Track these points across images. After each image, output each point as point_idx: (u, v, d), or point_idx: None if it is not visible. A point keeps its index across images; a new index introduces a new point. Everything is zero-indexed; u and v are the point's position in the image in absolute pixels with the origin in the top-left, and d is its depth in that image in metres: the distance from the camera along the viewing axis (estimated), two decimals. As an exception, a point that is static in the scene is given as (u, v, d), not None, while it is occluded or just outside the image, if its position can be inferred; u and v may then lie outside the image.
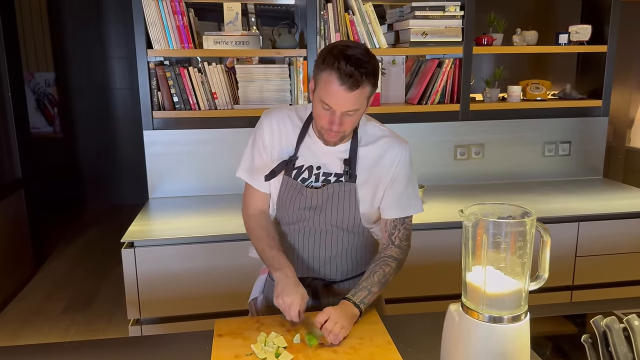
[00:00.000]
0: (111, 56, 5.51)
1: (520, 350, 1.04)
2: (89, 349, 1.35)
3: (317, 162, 1.45)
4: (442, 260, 2.25)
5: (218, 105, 2.59)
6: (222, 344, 1.29)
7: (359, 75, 1.24)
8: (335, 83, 1.25)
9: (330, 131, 1.34)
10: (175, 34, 2.47)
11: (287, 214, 1.49)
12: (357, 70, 1.24)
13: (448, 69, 2.71)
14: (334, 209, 1.44)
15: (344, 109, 1.29)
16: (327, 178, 1.45)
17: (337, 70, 1.24)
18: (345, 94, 1.26)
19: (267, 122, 1.48)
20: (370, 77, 1.28)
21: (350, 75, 1.24)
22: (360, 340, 1.30)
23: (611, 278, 2.41)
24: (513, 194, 2.66)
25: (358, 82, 1.25)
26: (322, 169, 1.45)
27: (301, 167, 1.45)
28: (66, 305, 3.56)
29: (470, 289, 1.06)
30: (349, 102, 1.27)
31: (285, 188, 1.46)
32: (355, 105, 1.29)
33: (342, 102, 1.27)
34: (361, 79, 1.25)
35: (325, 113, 1.32)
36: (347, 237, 1.50)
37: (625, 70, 3.61)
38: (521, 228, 1.00)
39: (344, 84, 1.25)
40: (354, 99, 1.27)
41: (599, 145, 2.98)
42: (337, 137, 1.37)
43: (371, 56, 1.29)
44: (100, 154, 5.68)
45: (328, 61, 1.26)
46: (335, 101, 1.28)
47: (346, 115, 1.31)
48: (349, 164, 1.42)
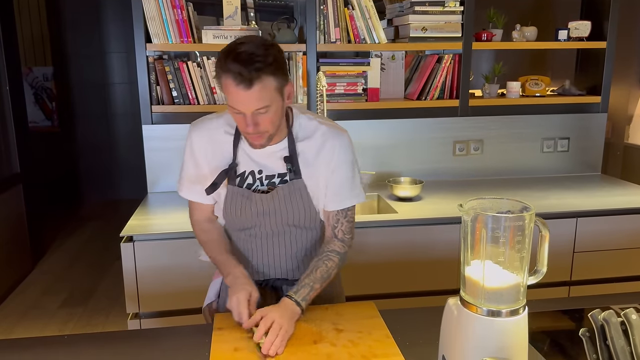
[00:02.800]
0: (110, 51, 5.50)
1: (519, 344, 1.05)
2: (88, 342, 1.35)
3: (257, 166, 1.41)
4: (441, 255, 2.26)
5: (217, 100, 2.58)
6: (222, 337, 1.29)
7: (251, 72, 1.18)
8: (232, 85, 1.20)
9: (249, 134, 1.29)
10: (175, 28, 2.47)
11: (238, 221, 1.44)
12: (247, 67, 1.18)
13: (447, 65, 2.71)
14: (289, 210, 1.41)
15: (251, 109, 1.23)
16: (271, 180, 1.41)
17: (229, 71, 1.19)
18: (244, 94, 1.20)
19: (197, 136, 1.42)
20: (268, 69, 1.20)
21: (240, 73, 1.18)
22: (358, 334, 1.30)
23: (609, 274, 2.41)
24: (511, 190, 2.66)
25: (251, 78, 1.18)
26: (264, 171, 1.41)
27: (243, 173, 1.41)
28: (64, 299, 3.56)
29: (469, 283, 1.06)
30: (252, 100, 1.21)
31: (231, 197, 1.41)
32: (261, 102, 1.22)
33: (245, 102, 1.21)
34: (254, 74, 1.18)
35: (238, 117, 1.27)
36: (305, 233, 1.47)
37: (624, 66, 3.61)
38: (520, 222, 1.00)
39: (239, 84, 1.19)
40: (256, 96, 1.21)
41: (598, 141, 2.99)
42: (260, 138, 1.30)
43: (267, 47, 1.22)
44: (99, 148, 5.68)
45: (221, 64, 1.21)
46: (239, 103, 1.22)
47: (258, 114, 1.25)
48: (291, 161, 1.38)
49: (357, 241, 2.19)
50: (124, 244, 2.07)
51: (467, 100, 2.77)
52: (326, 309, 1.43)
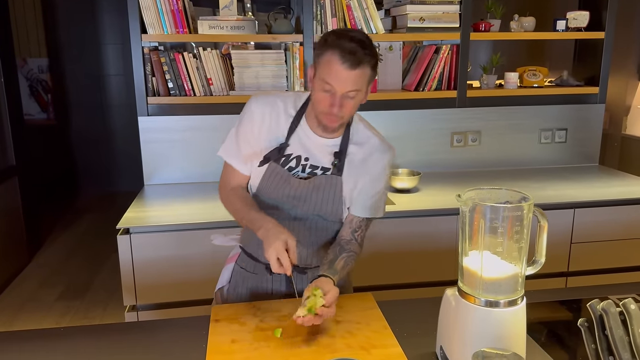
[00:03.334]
0: (105, 42, 5.46)
1: (516, 334, 1.05)
2: (85, 334, 1.34)
3: (306, 153, 1.43)
4: (439, 247, 2.26)
5: (213, 91, 2.57)
6: (219, 329, 1.29)
7: (361, 54, 1.24)
8: (337, 62, 1.25)
9: (331, 115, 1.32)
10: (170, 18, 2.44)
11: (268, 199, 1.46)
12: (360, 49, 1.24)
13: (445, 55, 2.70)
14: (318, 200, 1.43)
15: (345, 89, 1.27)
16: (314, 170, 1.44)
17: (340, 48, 1.24)
18: (346, 73, 1.25)
19: (258, 107, 1.44)
20: (371, 58, 1.27)
21: (352, 52, 1.23)
22: (357, 325, 1.30)
23: (606, 264, 2.42)
24: (509, 181, 2.66)
25: (360, 60, 1.24)
26: (310, 160, 1.43)
27: (289, 155, 1.43)
28: (61, 292, 3.55)
29: (467, 274, 1.06)
30: (350, 81, 1.26)
31: (270, 175, 1.43)
32: (356, 85, 1.27)
33: (344, 81, 1.26)
34: (363, 57, 1.25)
35: (325, 96, 1.30)
36: (326, 225, 1.48)
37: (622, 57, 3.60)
38: (518, 213, 1.00)
39: (345, 62, 1.24)
40: (355, 78, 1.26)
41: (595, 132, 2.98)
42: (336, 121, 1.34)
43: (371, 41, 1.30)
44: (95, 140, 5.65)
45: (330, 41, 1.26)
46: (337, 80, 1.26)
47: (347, 98, 1.29)
48: (339, 157, 1.42)
49: (354, 233, 2.20)
50: (120, 236, 2.06)
51: (464, 91, 2.76)
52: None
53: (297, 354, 1.18)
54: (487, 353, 0.94)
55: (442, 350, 1.14)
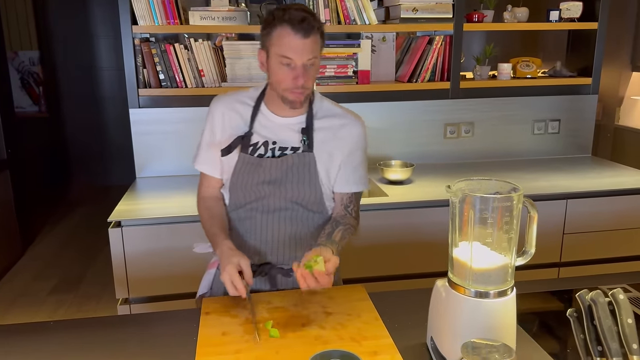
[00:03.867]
0: (97, 34, 5.41)
1: (507, 325, 1.05)
2: (76, 328, 1.34)
3: (272, 137, 1.44)
4: (431, 238, 2.26)
5: (205, 82, 2.55)
6: (210, 321, 1.28)
7: (310, 20, 1.28)
8: (290, 33, 1.27)
9: (297, 89, 1.33)
10: (161, 9, 2.42)
11: (243, 193, 1.45)
12: (309, 18, 1.28)
13: (438, 46, 2.68)
14: (294, 181, 1.42)
15: (305, 58, 1.30)
16: (284, 152, 1.44)
17: (289, 21, 1.27)
18: (302, 42, 1.28)
19: (216, 106, 1.48)
20: (320, 25, 1.31)
21: (302, 20, 1.26)
22: (347, 316, 1.30)
23: (598, 255, 2.43)
24: (502, 172, 2.66)
25: (311, 27, 1.28)
26: (278, 143, 1.44)
27: (256, 143, 1.44)
28: (54, 286, 3.54)
29: (456, 265, 1.06)
30: (307, 49, 1.29)
31: (241, 165, 1.44)
32: (313, 52, 1.30)
33: (301, 50, 1.29)
34: (313, 24, 1.28)
35: (286, 71, 1.32)
36: (307, 215, 1.47)
37: (615, 48, 3.60)
38: (508, 203, 1.00)
39: (298, 32, 1.27)
40: (311, 45, 1.29)
41: (588, 123, 2.98)
42: (302, 94, 1.35)
43: (314, 13, 1.33)
44: (87, 133, 5.61)
45: (278, 17, 1.29)
46: (294, 51, 1.29)
47: (307, 67, 1.32)
48: (307, 133, 1.43)
49: (347, 224, 2.19)
50: (111, 229, 2.05)
51: (458, 83, 2.75)
52: (315, 293, 1.42)
53: (288, 346, 1.18)
54: (476, 344, 0.94)
55: (432, 342, 1.14)
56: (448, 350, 1.07)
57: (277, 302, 1.37)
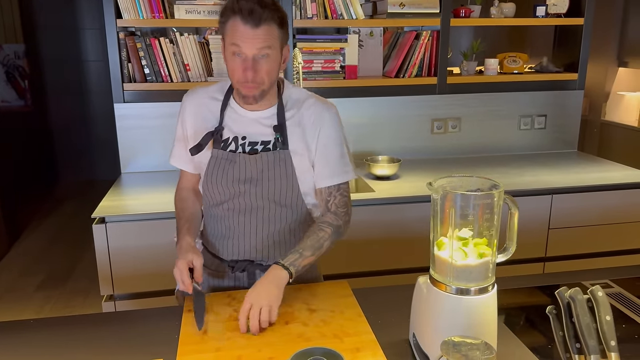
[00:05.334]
0: (83, 27, 5.35)
1: (488, 322, 1.05)
2: (58, 326, 1.32)
3: (241, 132, 1.41)
4: (418, 233, 2.26)
5: (191, 77, 2.53)
6: (192, 319, 1.27)
7: (260, 11, 1.23)
8: (240, 23, 1.24)
9: (247, 82, 1.29)
10: (146, 3, 2.39)
11: (218, 191, 1.42)
12: (259, 7, 1.24)
13: (426, 42, 2.68)
14: (270, 179, 1.39)
15: (254, 49, 1.26)
16: (254, 147, 1.40)
17: (239, 12, 1.24)
18: (251, 32, 1.24)
19: (186, 101, 1.47)
20: (273, 15, 1.26)
21: (251, 11, 1.23)
22: (331, 313, 1.29)
23: (583, 250, 2.45)
24: (489, 167, 2.67)
25: (260, 18, 1.24)
26: (248, 138, 1.40)
27: (227, 139, 1.41)
28: (41, 282, 3.51)
29: (438, 262, 1.06)
30: (257, 39, 1.25)
31: (214, 161, 1.40)
32: (264, 42, 1.26)
33: (250, 40, 1.25)
34: (263, 14, 1.24)
35: (237, 63, 1.28)
36: (285, 213, 1.43)
37: (601, 43, 3.62)
38: (488, 200, 1.00)
39: (247, 23, 1.24)
40: (262, 36, 1.25)
41: (575, 118, 3.00)
42: (255, 89, 1.31)
43: (275, 2, 1.29)
44: (73, 127, 5.56)
45: (230, 6, 1.26)
46: (243, 41, 1.25)
47: (259, 59, 1.27)
48: (280, 130, 1.38)
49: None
50: (96, 225, 2.03)
51: (445, 78, 2.75)
52: (299, 289, 1.42)
53: (270, 343, 1.17)
54: (457, 342, 0.94)
55: (414, 338, 1.14)
56: (430, 347, 1.07)
57: None
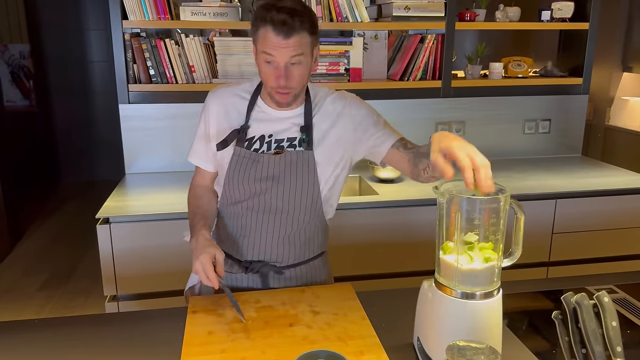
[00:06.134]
0: (88, 28, 5.37)
1: (493, 326, 1.05)
2: (62, 326, 1.32)
3: (268, 131, 1.41)
4: (421, 237, 2.26)
5: (196, 78, 2.53)
6: (196, 320, 1.28)
7: (291, 22, 1.24)
8: (271, 34, 1.25)
9: (280, 88, 1.31)
10: (151, 4, 2.40)
11: (239, 189, 1.42)
12: (290, 18, 1.24)
13: (430, 45, 2.68)
14: (292, 179, 1.39)
15: (286, 58, 1.27)
16: (280, 144, 1.40)
17: (271, 22, 1.24)
18: (284, 42, 1.25)
19: (211, 100, 1.46)
20: (306, 24, 1.26)
21: (283, 22, 1.23)
22: (334, 316, 1.29)
23: (587, 254, 2.44)
24: (493, 172, 2.64)
25: (292, 28, 1.24)
26: (274, 135, 1.41)
27: (252, 137, 1.41)
28: (43, 282, 3.52)
29: (443, 265, 1.06)
30: (289, 49, 1.26)
31: (237, 159, 1.40)
32: (296, 50, 1.27)
33: (282, 50, 1.26)
34: (294, 25, 1.24)
35: (270, 70, 1.30)
36: (302, 216, 1.43)
37: (606, 48, 3.61)
38: (495, 205, 1.00)
39: (279, 34, 1.24)
40: (293, 45, 1.26)
41: (579, 123, 2.99)
42: (287, 96, 1.34)
43: (306, 7, 1.29)
44: (77, 128, 5.57)
45: (261, 16, 1.26)
46: (276, 50, 1.26)
47: (291, 66, 1.29)
48: (307, 131, 1.39)
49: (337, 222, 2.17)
50: (100, 225, 2.03)
51: (449, 81, 2.75)
52: (303, 291, 1.42)
53: (274, 345, 1.17)
54: (462, 346, 0.94)
55: (419, 342, 1.14)
56: (434, 351, 1.07)
57: (265, 300, 1.36)
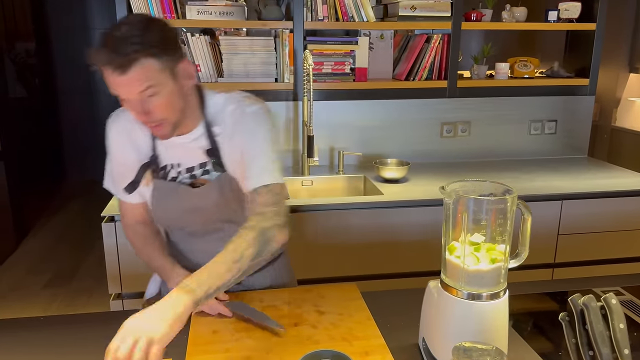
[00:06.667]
0: (94, 27, 5.38)
1: (499, 327, 1.04)
2: (67, 324, 1.33)
3: (176, 159, 1.30)
4: (426, 237, 2.25)
5: (201, 77, 2.53)
6: (200, 320, 1.28)
7: (125, 56, 1.06)
8: (109, 72, 1.08)
9: (149, 123, 1.16)
10: (157, 3, 2.40)
11: (168, 221, 1.36)
12: (119, 52, 1.06)
13: (436, 45, 2.67)
14: (219, 205, 1.29)
15: (134, 95, 1.11)
16: (192, 173, 1.30)
17: (102, 61, 1.08)
18: (123, 80, 1.08)
19: (114, 129, 1.33)
20: (145, 51, 1.07)
21: (113, 60, 1.06)
22: (339, 316, 1.29)
23: (593, 256, 2.43)
24: (498, 172, 2.66)
25: (125, 64, 1.06)
26: (183, 165, 1.30)
27: (165, 166, 1.31)
28: (48, 280, 3.53)
29: (449, 266, 1.05)
30: (132, 84, 1.09)
31: (158, 192, 1.30)
32: (143, 83, 1.09)
33: (125, 88, 1.10)
34: (127, 60, 1.06)
35: (128, 107, 1.15)
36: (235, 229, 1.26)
37: (612, 49, 3.59)
38: (502, 205, 0.99)
39: (114, 71, 1.07)
40: (137, 79, 1.08)
41: (585, 124, 2.98)
42: (160, 128, 1.17)
43: (147, 26, 1.10)
44: (82, 126, 5.59)
45: (94, 56, 1.09)
46: (119, 89, 1.11)
47: (146, 100, 1.12)
48: (213, 154, 1.27)
49: (342, 222, 2.19)
50: (105, 224, 2.03)
51: (455, 81, 2.74)
52: (308, 291, 1.42)
53: (278, 345, 1.17)
54: (468, 347, 0.93)
55: (424, 343, 1.13)
56: (440, 352, 1.07)
57: (270, 300, 1.36)
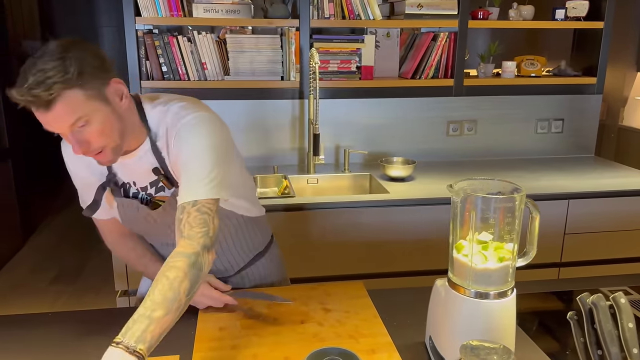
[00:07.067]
0: (100, 25, 5.40)
1: (506, 326, 1.04)
2: (75, 319, 1.33)
3: (130, 178, 1.27)
4: (432, 236, 2.25)
5: (208, 75, 2.54)
6: (207, 316, 1.28)
7: (44, 95, 0.98)
8: (33, 109, 1.01)
9: (89, 153, 1.09)
10: (165, 1, 2.41)
11: (142, 232, 1.37)
12: (36, 91, 0.97)
13: (443, 43, 2.67)
14: None
15: (64, 129, 1.04)
16: (147, 192, 1.27)
17: (22, 99, 0.99)
18: (48, 116, 1.01)
19: (66, 153, 1.28)
20: (66, 83, 0.99)
21: (33, 99, 0.98)
22: (346, 313, 1.29)
23: (599, 255, 2.42)
24: (504, 171, 2.65)
25: (47, 101, 0.99)
26: (137, 184, 1.27)
27: (125, 184, 1.28)
28: (54, 277, 3.55)
29: (457, 265, 1.05)
30: (60, 119, 1.02)
31: (122, 209, 1.28)
32: (71, 116, 1.02)
33: (55, 124, 1.03)
34: (47, 96, 0.98)
35: (66, 140, 1.08)
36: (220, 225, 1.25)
37: (620, 48, 3.57)
38: (510, 204, 0.99)
39: (38, 109, 1.00)
40: (63, 113, 1.01)
41: (592, 123, 2.97)
42: (103, 156, 1.11)
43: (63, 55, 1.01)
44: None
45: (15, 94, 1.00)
46: (49, 126, 1.04)
47: (81, 130, 1.05)
48: (160, 171, 1.21)
49: (348, 221, 2.19)
50: (112, 221, 2.04)
51: (461, 80, 2.74)
52: (314, 288, 1.42)
53: (285, 342, 1.17)
54: (475, 345, 0.93)
55: (431, 341, 1.13)
56: (447, 350, 1.06)
57: None
